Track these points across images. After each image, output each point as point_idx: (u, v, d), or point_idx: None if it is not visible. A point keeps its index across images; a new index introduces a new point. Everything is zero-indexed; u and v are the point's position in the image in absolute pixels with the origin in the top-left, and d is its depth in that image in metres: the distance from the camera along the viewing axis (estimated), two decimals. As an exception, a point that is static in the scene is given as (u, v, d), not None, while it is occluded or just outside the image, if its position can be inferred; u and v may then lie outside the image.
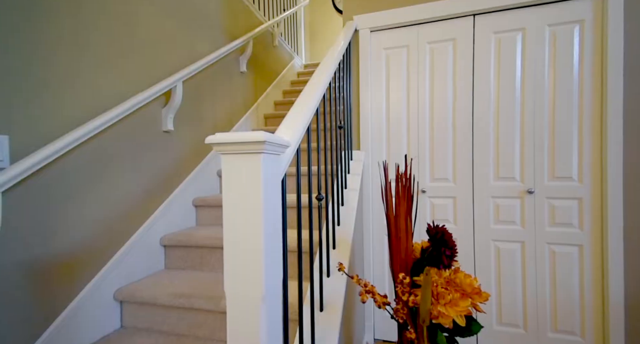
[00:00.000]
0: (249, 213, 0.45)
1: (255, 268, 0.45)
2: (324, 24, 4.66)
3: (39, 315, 0.94)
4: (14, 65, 0.89)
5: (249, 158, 0.45)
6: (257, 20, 2.50)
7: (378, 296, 0.70)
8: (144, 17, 1.37)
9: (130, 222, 1.28)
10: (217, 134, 0.46)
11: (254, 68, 2.46)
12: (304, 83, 3.18)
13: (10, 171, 0.82)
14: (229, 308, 0.47)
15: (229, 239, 0.47)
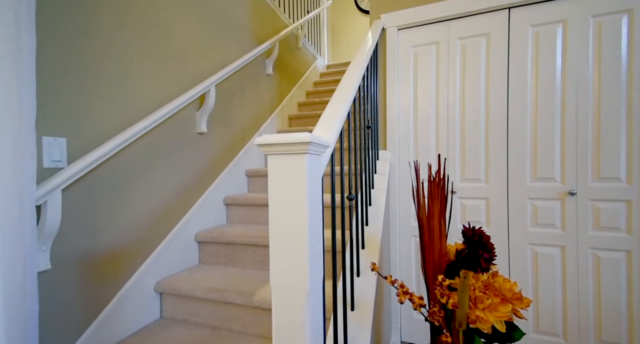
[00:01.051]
0: (295, 212, 0.47)
1: (301, 265, 0.47)
2: (346, 23, 4.65)
3: (91, 303, 1.03)
4: (71, 78, 0.98)
5: (294, 158, 0.47)
6: (282, 23, 2.55)
7: (415, 297, 0.70)
8: (179, 25, 1.44)
9: (169, 219, 1.36)
10: (264, 135, 0.48)
11: (279, 70, 2.51)
12: (327, 84, 3.19)
13: (69, 170, 0.90)
14: (275, 303, 0.49)
15: (275, 237, 0.49)
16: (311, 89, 3.06)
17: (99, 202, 1.06)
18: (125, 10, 1.16)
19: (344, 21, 4.66)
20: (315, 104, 2.78)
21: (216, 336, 1.13)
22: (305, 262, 0.46)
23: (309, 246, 0.47)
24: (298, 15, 2.98)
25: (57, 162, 0.91)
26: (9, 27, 0.73)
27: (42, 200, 0.83)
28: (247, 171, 1.96)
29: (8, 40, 0.72)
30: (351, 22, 4.63)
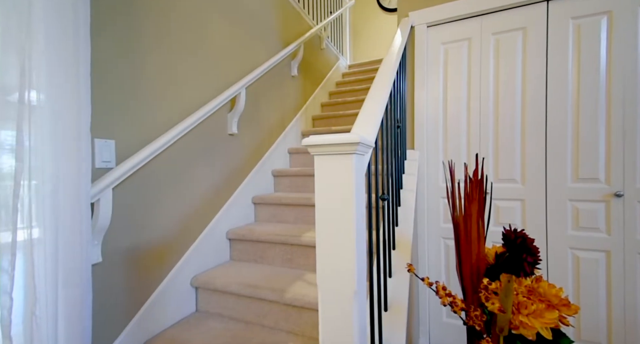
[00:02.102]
0: (342, 212, 0.48)
1: (348, 264, 0.48)
2: (367, 22, 4.62)
3: (135, 295, 1.10)
4: (117, 83, 1.05)
5: (341, 159, 0.48)
6: (306, 25, 2.58)
7: (458, 300, 0.69)
8: (213, 31, 1.50)
9: (203, 217, 1.42)
10: (311, 136, 0.50)
11: (303, 71, 2.54)
12: (349, 84, 3.19)
13: (118, 170, 0.97)
14: (322, 301, 0.50)
15: (322, 237, 0.50)
16: (334, 90, 3.07)
17: (141, 200, 1.13)
18: (167, 19, 1.23)
19: (365, 20, 4.62)
20: (338, 104, 2.78)
21: (249, 330, 1.17)
22: (352, 261, 0.47)
23: (356, 245, 0.48)
24: (321, 16, 2.99)
25: (107, 163, 0.98)
26: (70, 40, 0.79)
27: (96, 198, 0.90)
28: (273, 171, 2.00)
29: (69, 51, 0.79)
30: (373, 20, 4.59)
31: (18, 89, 0.71)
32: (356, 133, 0.47)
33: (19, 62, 0.72)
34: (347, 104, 2.76)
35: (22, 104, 0.72)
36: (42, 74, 0.73)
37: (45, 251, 0.73)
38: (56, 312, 0.75)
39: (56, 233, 0.74)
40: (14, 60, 0.72)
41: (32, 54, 0.72)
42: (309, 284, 1.22)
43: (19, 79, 0.72)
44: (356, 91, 2.93)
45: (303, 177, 1.93)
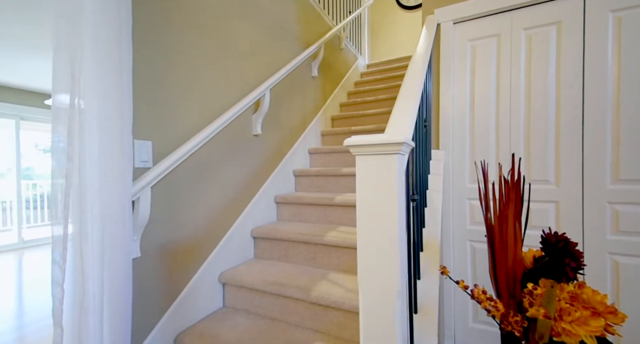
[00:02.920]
0: (385, 212, 0.48)
1: (391, 264, 0.48)
2: (385, 21, 4.57)
3: (169, 289, 1.14)
4: (153, 87, 1.10)
5: (385, 159, 0.48)
6: (326, 25, 2.58)
7: (500, 304, 0.67)
8: (239, 34, 1.54)
9: (229, 216, 1.45)
10: (353, 136, 0.50)
11: (323, 71, 2.55)
12: (368, 83, 3.16)
13: (156, 170, 1.01)
14: (363, 301, 0.51)
15: (364, 236, 0.51)
16: (352, 89, 3.06)
17: (174, 199, 1.17)
18: (197, 28, 1.27)
19: (384, 19, 4.57)
20: (357, 104, 2.77)
21: (275, 327, 1.19)
22: (396, 261, 0.47)
23: (399, 244, 0.47)
24: (341, 16, 2.99)
25: (145, 163, 1.03)
26: (114, 48, 0.84)
27: (136, 196, 0.94)
28: (294, 171, 2.02)
29: (114, 59, 0.83)
30: (391, 19, 4.53)
31: (69, 93, 0.76)
32: (400, 133, 0.47)
33: (70, 68, 0.77)
34: (367, 103, 2.74)
35: (72, 108, 0.77)
36: (90, 80, 0.78)
37: (93, 245, 0.77)
38: (102, 303, 0.80)
39: (102, 229, 0.79)
40: (65, 67, 0.77)
41: (82, 62, 0.77)
42: (334, 284, 1.22)
43: (70, 84, 0.77)
44: (375, 90, 2.90)
45: (324, 177, 1.94)
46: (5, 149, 5.00)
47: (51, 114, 0.77)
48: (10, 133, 3.86)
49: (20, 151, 3.86)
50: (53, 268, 0.77)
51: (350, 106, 2.82)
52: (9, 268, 3.09)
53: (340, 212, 1.65)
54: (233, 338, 1.11)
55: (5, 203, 4.61)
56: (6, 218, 4.42)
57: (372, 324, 0.49)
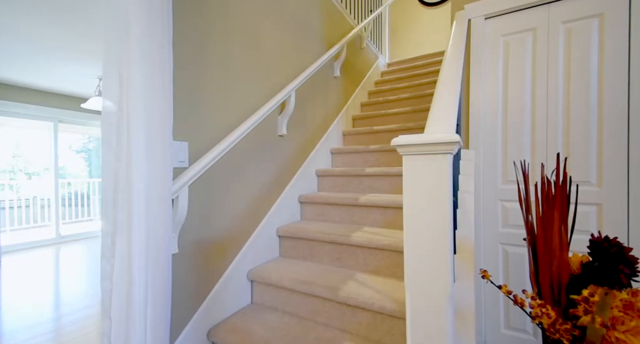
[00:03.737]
0: (435, 214, 0.47)
1: (442, 268, 0.47)
2: (407, 19, 4.49)
3: (203, 285, 1.18)
4: (189, 92, 1.14)
5: (436, 159, 0.47)
6: (348, 25, 2.58)
7: (552, 312, 0.64)
8: (264, 38, 1.56)
9: (256, 215, 1.49)
10: (401, 136, 0.50)
11: (345, 71, 2.55)
12: (389, 82, 3.12)
13: (192, 170, 1.05)
14: (411, 305, 0.50)
15: (411, 239, 0.50)
16: (373, 89, 3.03)
17: (206, 198, 1.21)
18: (228, 33, 1.31)
19: (405, 16, 4.50)
20: (379, 104, 2.74)
21: (303, 325, 1.20)
22: (446, 264, 0.47)
23: (449, 247, 0.47)
24: (362, 15, 2.97)
25: (182, 163, 1.07)
26: (157, 54, 0.88)
27: (175, 195, 0.99)
28: (317, 171, 2.03)
29: (157, 64, 0.87)
30: (412, 16, 4.45)
31: (118, 99, 0.81)
32: (447, 131, 0.47)
33: (117, 73, 0.81)
34: (388, 103, 2.71)
35: (120, 111, 0.81)
36: (137, 86, 0.82)
37: (140, 241, 0.81)
38: (146, 296, 0.84)
39: (147, 225, 0.83)
40: (114, 72, 0.81)
41: (130, 70, 0.81)
42: (361, 284, 1.22)
43: (118, 88, 0.81)
44: (397, 89, 2.86)
45: (346, 177, 1.93)
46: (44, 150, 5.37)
47: (101, 117, 0.81)
48: (49, 135, 4.14)
49: (57, 152, 4.12)
50: (102, 262, 0.82)
51: (371, 105, 2.80)
52: (47, 262, 3.31)
53: (365, 212, 1.64)
54: (263, 334, 1.13)
55: (44, 201, 4.95)
56: (44, 215, 4.75)
57: (422, 329, 0.49)
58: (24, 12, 2.11)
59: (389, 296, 1.10)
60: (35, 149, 6.13)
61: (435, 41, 4.29)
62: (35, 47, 2.66)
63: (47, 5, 2.04)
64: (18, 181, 6.21)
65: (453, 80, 0.78)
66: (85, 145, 7.25)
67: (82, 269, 3.02)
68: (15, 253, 3.58)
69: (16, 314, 2.07)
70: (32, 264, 3.20)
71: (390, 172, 1.75)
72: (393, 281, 1.25)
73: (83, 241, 4.16)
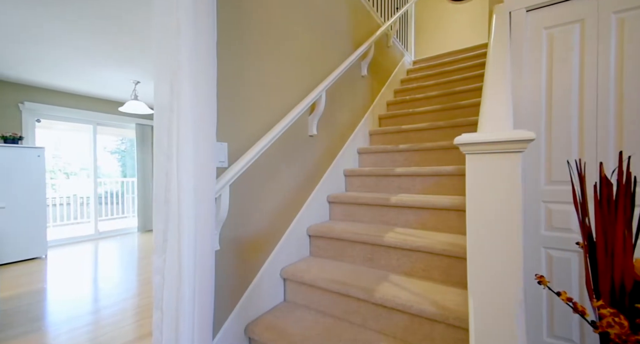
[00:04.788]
0: (505, 215, 0.46)
1: (514, 272, 0.45)
2: (433, 14, 4.37)
3: (241, 281, 1.22)
4: (229, 95, 1.17)
5: (507, 158, 0.45)
6: (375, 23, 2.55)
7: (625, 322, 0.60)
8: (296, 39, 1.58)
9: (288, 214, 1.51)
10: (464, 134, 0.48)
11: (372, 70, 2.52)
12: (415, 81, 3.06)
13: (234, 169, 1.09)
14: (476, 311, 0.48)
15: (477, 242, 0.49)
16: (399, 88, 2.98)
17: (243, 197, 1.25)
18: (264, 38, 1.34)
19: (431, 12, 4.38)
20: (406, 102, 2.69)
21: (338, 325, 1.20)
22: (518, 268, 0.45)
23: (521, 251, 0.45)
24: (388, 13, 2.93)
25: (222, 163, 1.11)
26: (203, 60, 0.91)
27: (218, 193, 1.02)
28: (345, 171, 2.03)
29: (202, 69, 0.91)
30: (439, 12, 4.33)
31: (169, 102, 0.85)
32: (507, 127, 0.45)
33: (169, 79, 0.85)
34: (416, 101, 2.65)
35: (171, 112, 0.85)
36: (185, 88, 0.86)
37: (189, 237, 0.85)
38: (194, 291, 0.87)
39: (196, 223, 0.87)
40: (165, 78, 0.86)
41: (179, 75, 0.85)
42: (396, 286, 1.20)
43: (169, 92, 0.85)
44: (425, 87, 2.79)
45: (375, 177, 1.91)
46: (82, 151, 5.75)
47: (154, 120, 0.86)
48: (88, 137, 4.43)
49: (96, 153, 4.40)
50: (154, 257, 0.86)
51: (398, 104, 2.75)
52: (88, 256, 3.54)
53: (396, 213, 1.62)
54: (299, 332, 1.15)
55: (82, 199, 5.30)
56: (83, 212, 5.09)
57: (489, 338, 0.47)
58: (72, 22, 2.27)
59: (427, 298, 1.08)
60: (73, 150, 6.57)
61: (461, 38, 4.15)
62: (79, 55, 2.85)
63: (93, 16, 2.18)
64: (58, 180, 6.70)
65: (503, 74, 0.74)
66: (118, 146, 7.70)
67: (119, 263, 3.21)
68: (59, 248, 3.87)
69: (61, 306, 2.23)
70: (75, 258, 3.44)
71: (422, 172, 1.72)
72: (429, 283, 1.22)
73: (119, 237, 4.42)
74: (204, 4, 0.89)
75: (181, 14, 0.84)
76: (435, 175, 1.68)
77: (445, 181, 1.66)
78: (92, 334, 1.77)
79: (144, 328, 1.85)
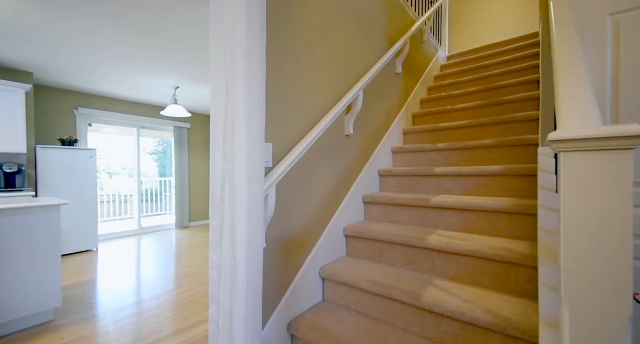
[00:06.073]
0: (613, 223, 0.41)
1: (621, 285, 0.41)
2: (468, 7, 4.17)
3: (284, 278, 1.24)
4: (273, 97, 1.20)
5: (614, 156, 0.41)
6: (410, 18, 2.48)
7: None
8: (334, 39, 1.58)
9: (326, 213, 1.51)
10: (559, 130, 0.44)
11: (406, 67, 2.45)
12: (449, 76, 2.93)
13: (279, 169, 1.11)
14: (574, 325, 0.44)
15: (576, 249, 0.44)
16: (432, 84, 2.87)
17: (285, 196, 1.26)
18: (305, 41, 1.35)
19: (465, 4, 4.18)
20: (442, 99, 2.59)
21: (381, 328, 1.18)
22: (627, 281, 0.40)
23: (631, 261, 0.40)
24: (422, 7, 2.84)
25: (267, 163, 1.13)
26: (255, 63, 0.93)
27: (266, 193, 1.04)
28: (379, 171, 1.99)
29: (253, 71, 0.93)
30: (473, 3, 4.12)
31: (224, 103, 0.88)
32: (596, 119, 0.40)
33: (224, 82, 0.89)
34: (452, 98, 2.54)
35: (226, 114, 0.88)
36: (239, 91, 0.88)
37: (242, 235, 0.88)
38: (246, 286, 0.90)
39: (248, 221, 0.89)
40: (221, 80, 0.89)
41: (234, 75, 0.88)
42: (444, 291, 1.15)
43: (225, 94, 0.88)
44: (462, 83, 2.67)
45: (413, 177, 1.86)
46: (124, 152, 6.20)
47: (210, 120, 0.90)
48: (131, 139, 4.76)
49: (140, 154, 4.72)
50: (211, 253, 0.90)
51: (432, 101, 2.66)
52: (131, 250, 3.80)
53: (436, 214, 1.55)
54: (343, 333, 1.14)
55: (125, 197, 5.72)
56: (126, 209, 5.49)
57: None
58: (122, 34, 2.45)
59: (479, 306, 1.02)
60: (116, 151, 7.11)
61: (499, 30, 3.91)
62: (127, 64, 3.07)
63: (143, 29, 2.33)
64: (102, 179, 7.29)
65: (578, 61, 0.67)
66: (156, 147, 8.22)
67: (159, 258, 3.41)
68: (107, 241, 4.20)
69: (109, 296, 2.41)
70: (120, 251, 3.72)
71: (464, 172, 1.64)
72: (479, 290, 1.16)
73: (159, 233, 4.71)
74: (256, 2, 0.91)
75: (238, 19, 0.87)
76: (480, 175, 1.60)
77: (491, 181, 1.56)
78: (137, 325, 1.89)
79: (184, 321, 1.94)
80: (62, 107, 3.92)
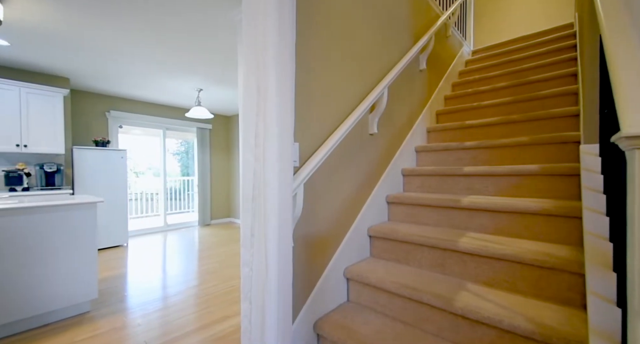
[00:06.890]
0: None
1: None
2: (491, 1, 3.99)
3: (310, 278, 1.23)
4: (299, 98, 1.19)
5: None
6: (434, 13, 2.41)
7: None
8: (359, 38, 1.55)
9: (350, 213, 1.49)
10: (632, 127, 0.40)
11: (430, 64, 2.38)
12: (475, 72, 2.82)
13: (307, 168, 1.10)
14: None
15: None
16: (457, 80, 2.77)
17: (311, 196, 1.26)
18: (330, 42, 1.34)
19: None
20: (468, 95, 2.49)
21: (410, 332, 1.15)
22: None
23: None
24: (447, 1, 2.75)
25: (294, 162, 1.13)
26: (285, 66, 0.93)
27: (294, 192, 1.04)
28: (403, 170, 1.94)
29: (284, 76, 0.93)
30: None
31: (256, 103, 0.89)
32: None
33: (256, 82, 0.89)
34: (479, 94, 2.44)
35: (257, 115, 0.89)
36: (271, 91, 0.89)
37: (273, 233, 0.88)
38: (278, 283, 0.90)
39: (279, 220, 0.89)
40: (252, 81, 0.89)
41: (266, 76, 0.88)
42: (477, 296, 1.10)
43: (256, 95, 0.89)
44: (489, 78, 2.55)
45: (439, 177, 1.80)
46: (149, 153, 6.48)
47: (240, 121, 0.91)
48: (158, 140, 4.96)
49: (165, 154, 4.91)
50: (242, 251, 0.91)
51: (457, 98, 2.56)
52: (158, 246, 3.96)
53: (466, 216, 1.49)
54: (371, 335, 1.12)
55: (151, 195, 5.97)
56: (153, 207, 5.72)
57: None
58: (154, 40, 2.55)
59: (518, 313, 0.97)
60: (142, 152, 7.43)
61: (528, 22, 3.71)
62: (155, 68, 3.20)
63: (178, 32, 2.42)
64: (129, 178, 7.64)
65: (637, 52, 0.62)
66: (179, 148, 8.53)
67: (183, 254, 3.53)
68: (136, 237, 4.40)
69: (138, 290, 2.52)
70: (148, 247, 3.88)
71: (496, 171, 1.56)
72: (516, 296, 1.10)
73: (183, 230, 4.88)
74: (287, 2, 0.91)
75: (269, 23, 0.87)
76: (514, 175, 1.52)
77: (527, 181, 1.48)
78: (165, 319, 1.96)
79: (209, 316, 1.99)
80: (95, 110, 4.15)
